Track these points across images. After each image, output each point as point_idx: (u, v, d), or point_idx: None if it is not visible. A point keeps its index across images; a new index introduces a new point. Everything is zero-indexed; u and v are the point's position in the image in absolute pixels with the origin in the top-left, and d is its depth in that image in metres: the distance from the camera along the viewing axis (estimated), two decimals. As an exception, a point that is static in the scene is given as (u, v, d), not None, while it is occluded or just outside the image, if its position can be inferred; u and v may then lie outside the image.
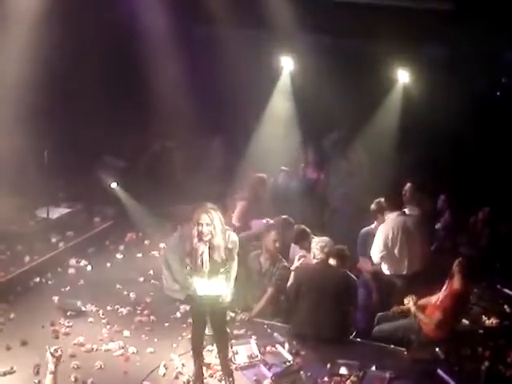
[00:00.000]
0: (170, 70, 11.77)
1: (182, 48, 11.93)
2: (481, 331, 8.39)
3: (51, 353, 5.96)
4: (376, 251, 8.69)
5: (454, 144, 11.19)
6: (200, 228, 6.60)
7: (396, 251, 8.61)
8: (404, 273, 8.68)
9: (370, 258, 8.93)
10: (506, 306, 8.88)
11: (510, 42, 10.76)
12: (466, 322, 8.37)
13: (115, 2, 11.36)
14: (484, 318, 8.59)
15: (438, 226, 10.17)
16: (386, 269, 8.78)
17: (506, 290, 9.13)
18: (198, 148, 12.11)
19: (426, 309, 8.08)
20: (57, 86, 11.12)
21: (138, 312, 8.70)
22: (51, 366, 5.92)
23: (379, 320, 8.33)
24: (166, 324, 8.49)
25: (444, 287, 8.02)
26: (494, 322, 8.54)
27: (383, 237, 8.66)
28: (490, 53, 10.93)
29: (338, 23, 10.79)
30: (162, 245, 10.35)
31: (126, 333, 8.13)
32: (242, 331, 8.12)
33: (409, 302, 8.11)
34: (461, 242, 9.98)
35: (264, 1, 10.87)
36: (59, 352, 5.99)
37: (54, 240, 10.29)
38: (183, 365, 7.46)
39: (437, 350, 7.79)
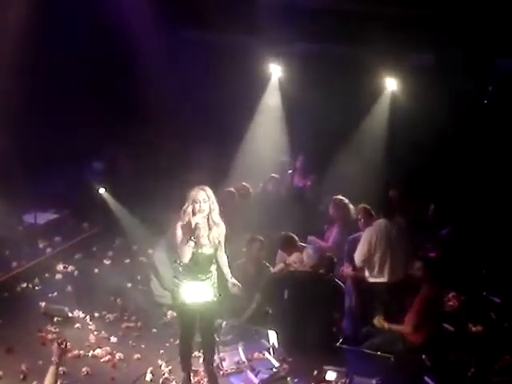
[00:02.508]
0: (159, 75, 11.77)
1: (171, 53, 11.94)
2: (467, 338, 8.44)
3: (58, 343, 5.94)
4: (358, 254, 8.75)
5: (441, 150, 11.21)
6: (197, 205, 6.60)
7: (377, 257, 8.66)
8: (385, 280, 8.72)
9: (353, 263, 9.02)
10: (492, 313, 8.92)
11: (496, 51, 10.81)
12: (451, 328, 8.42)
13: (105, 6, 11.35)
14: (470, 324, 8.65)
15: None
16: (367, 275, 8.82)
17: (492, 297, 9.17)
18: (184, 153, 12.08)
19: (402, 319, 8.14)
20: (43, 89, 11.14)
21: (126, 318, 8.71)
22: (55, 358, 5.90)
23: (366, 336, 8.34)
24: (154, 330, 8.51)
25: None
26: (480, 328, 8.59)
27: (367, 241, 8.71)
28: (476, 61, 10.99)
29: (326, 31, 10.81)
30: (150, 250, 10.35)
31: (113, 339, 8.13)
32: (230, 337, 8.12)
33: (378, 321, 8.17)
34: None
35: (254, 8, 10.88)
36: (65, 344, 5.97)
37: (41, 245, 10.28)
38: (170, 371, 7.47)
39: (423, 357, 7.83)
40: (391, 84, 11.64)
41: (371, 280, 8.78)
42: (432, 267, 8.21)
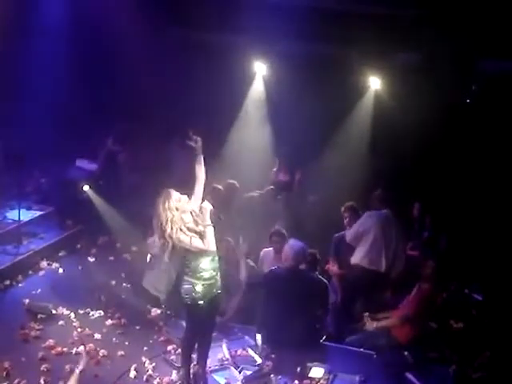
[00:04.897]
0: (144, 72, 11.75)
1: (156, 51, 11.91)
2: (449, 335, 8.51)
3: (87, 351, 5.97)
4: (350, 233, 8.91)
5: (424, 148, 11.26)
6: (176, 205, 6.63)
7: (370, 243, 8.79)
8: (381, 269, 8.82)
9: (339, 260, 9.09)
10: (473, 310, 9.00)
11: (481, 50, 10.87)
12: (433, 325, 8.48)
13: (89, 4, 11.33)
14: (452, 321, 8.72)
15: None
16: (362, 262, 8.91)
17: (474, 295, 9.25)
18: (166, 152, 12.06)
19: (390, 316, 8.21)
20: (26, 85, 11.10)
21: (109, 315, 8.69)
22: (82, 366, 5.95)
23: (349, 332, 8.40)
24: (137, 327, 8.50)
25: (414, 290, 8.17)
26: (461, 325, 8.67)
27: (361, 222, 8.91)
28: (461, 60, 11.03)
29: (311, 30, 10.81)
30: (133, 248, 10.36)
31: (97, 336, 8.12)
32: (214, 334, 8.13)
33: (369, 323, 8.24)
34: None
35: (238, 6, 10.88)
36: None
37: (25, 242, 10.22)
38: (154, 368, 7.49)
39: (406, 353, 7.89)
40: (375, 82, 11.69)
41: (372, 267, 8.86)
42: (442, 268, 8.26)
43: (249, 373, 7.46)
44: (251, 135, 12.03)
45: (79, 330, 8.23)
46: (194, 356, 7.34)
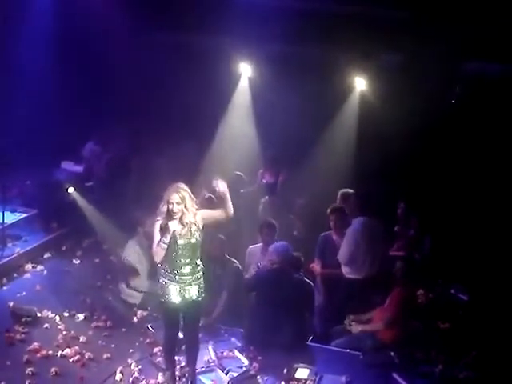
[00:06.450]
0: (131, 74, 11.73)
1: (142, 53, 11.90)
2: (435, 335, 8.53)
3: None
4: (344, 254, 8.84)
5: (410, 150, 11.30)
6: (170, 207, 6.64)
7: (360, 254, 8.75)
8: (363, 276, 8.81)
9: (323, 260, 9.07)
10: (459, 311, 9.03)
11: (465, 52, 10.92)
12: (420, 325, 8.50)
13: (75, 7, 11.31)
14: (438, 322, 8.74)
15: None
16: (347, 271, 8.87)
17: (460, 295, 9.28)
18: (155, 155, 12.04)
19: (372, 319, 8.23)
20: (11, 88, 11.08)
21: (95, 317, 8.66)
22: None
23: (333, 334, 8.40)
24: (123, 329, 8.47)
25: (392, 293, 8.19)
26: (447, 325, 8.69)
27: (353, 239, 8.81)
28: (445, 61, 11.09)
29: (296, 30, 10.83)
30: (119, 250, 10.31)
31: (83, 338, 8.08)
32: (200, 336, 8.12)
33: (348, 323, 8.25)
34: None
35: (222, 8, 10.88)
36: None
37: (9, 245, 10.17)
38: (140, 370, 7.46)
39: (392, 353, 7.90)
40: (360, 83, 11.71)
41: (350, 276, 8.84)
42: (411, 268, 8.27)
43: (235, 374, 7.44)
44: (237, 136, 12.03)
45: (64, 332, 8.19)
46: (181, 358, 7.33)
